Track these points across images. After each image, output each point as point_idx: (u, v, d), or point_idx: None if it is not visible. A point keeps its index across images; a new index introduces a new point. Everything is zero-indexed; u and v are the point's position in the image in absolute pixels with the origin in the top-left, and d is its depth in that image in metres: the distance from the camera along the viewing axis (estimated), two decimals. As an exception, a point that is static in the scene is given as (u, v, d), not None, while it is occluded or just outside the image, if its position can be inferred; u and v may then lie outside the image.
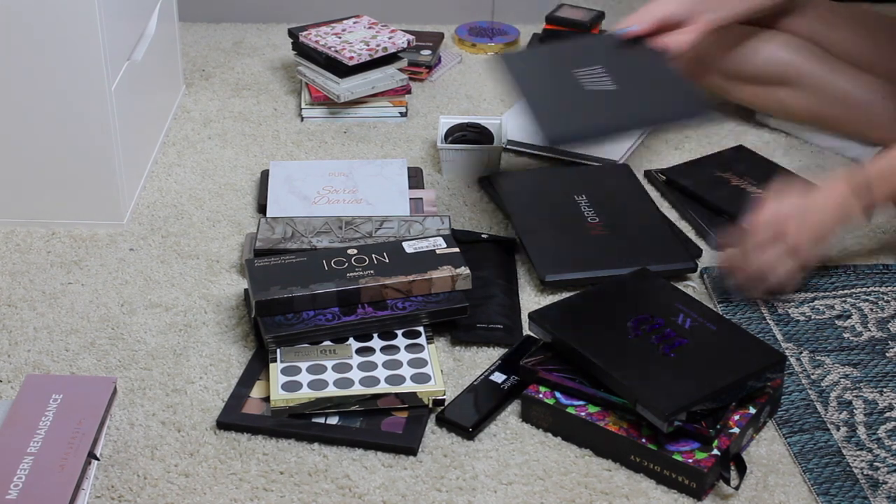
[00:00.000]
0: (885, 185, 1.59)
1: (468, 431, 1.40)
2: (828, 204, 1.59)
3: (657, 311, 1.46)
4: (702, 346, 1.41)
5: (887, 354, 1.54)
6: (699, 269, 1.68)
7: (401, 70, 2.11)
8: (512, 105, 2.12)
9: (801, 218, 1.58)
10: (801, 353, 1.53)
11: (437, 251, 1.58)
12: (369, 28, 2.14)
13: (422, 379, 1.43)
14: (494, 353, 1.53)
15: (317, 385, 1.42)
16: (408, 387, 1.42)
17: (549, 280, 1.64)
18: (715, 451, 1.33)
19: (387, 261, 1.56)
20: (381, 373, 1.44)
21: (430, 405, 1.42)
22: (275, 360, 1.46)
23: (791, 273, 1.59)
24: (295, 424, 1.40)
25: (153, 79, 1.96)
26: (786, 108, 2.01)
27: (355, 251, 1.58)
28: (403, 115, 2.09)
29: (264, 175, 1.87)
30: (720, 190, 1.85)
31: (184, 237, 1.76)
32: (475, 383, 1.46)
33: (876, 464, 1.37)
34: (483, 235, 1.73)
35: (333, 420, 1.41)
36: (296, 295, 1.50)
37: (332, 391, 1.41)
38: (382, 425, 1.40)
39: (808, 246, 1.58)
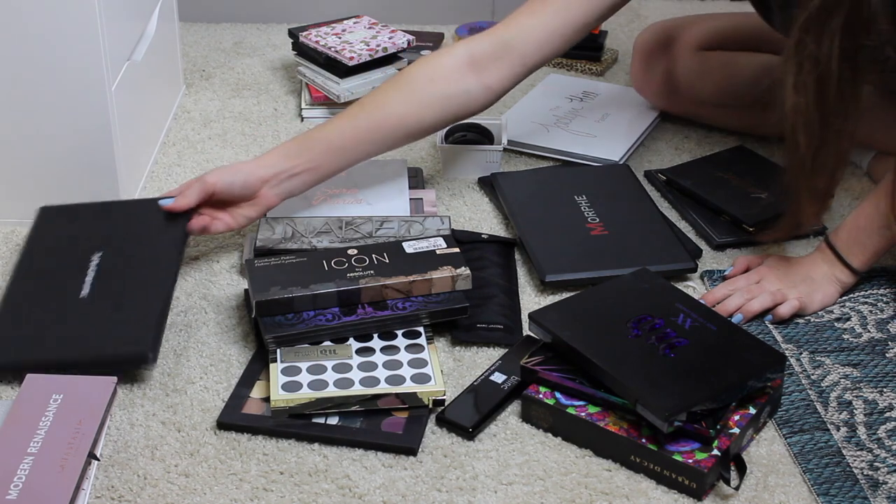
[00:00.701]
0: (860, 256, 1.61)
1: (468, 432, 1.40)
2: (814, 273, 1.62)
3: (657, 311, 1.46)
4: (702, 346, 1.41)
5: (887, 355, 1.54)
6: (699, 270, 1.68)
7: (401, 70, 2.11)
8: (511, 106, 2.12)
9: (783, 271, 1.61)
10: (800, 353, 1.53)
11: (438, 251, 1.58)
12: (369, 28, 2.14)
13: (422, 379, 1.43)
14: (494, 353, 1.53)
15: (317, 385, 1.42)
16: (408, 387, 1.42)
17: (550, 280, 1.64)
18: (715, 452, 1.33)
19: (387, 261, 1.56)
20: (381, 373, 1.44)
21: (431, 405, 1.42)
22: (275, 361, 1.46)
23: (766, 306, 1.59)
24: (295, 424, 1.40)
25: (153, 79, 1.96)
26: (776, 129, 2.01)
27: (355, 251, 1.58)
28: (403, 115, 2.09)
29: (264, 175, 1.87)
30: (720, 190, 1.85)
31: (184, 237, 1.76)
32: (475, 383, 1.46)
33: (876, 464, 1.37)
34: (483, 235, 1.73)
35: (333, 420, 1.41)
36: (296, 295, 1.50)
37: (332, 391, 1.41)
38: (382, 425, 1.40)
39: (788, 291, 1.60)
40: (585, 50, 2.29)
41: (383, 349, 1.49)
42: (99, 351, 1.45)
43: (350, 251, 1.58)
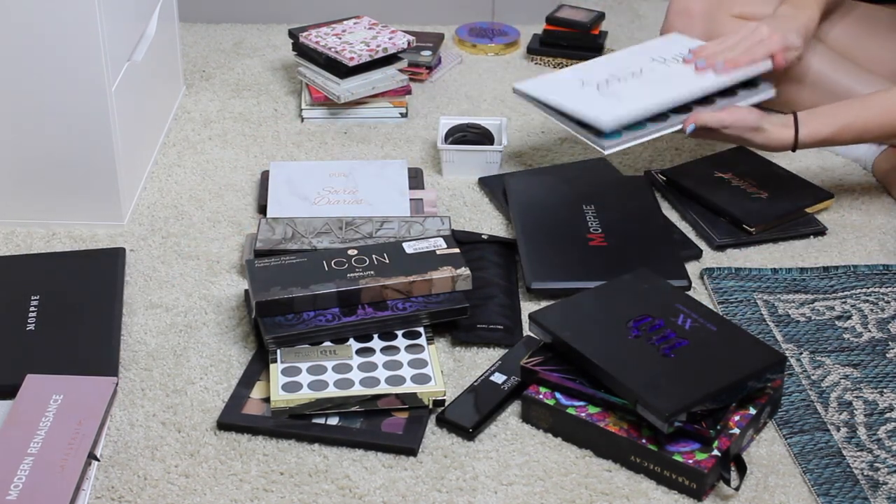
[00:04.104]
0: (814, 125, 1.74)
1: (468, 432, 1.40)
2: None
3: (657, 311, 1.46)
4: (702, 346, 1.41)
5: (887, 355, 1.54)
6: (700, 270, 1.68)
7: (401, 71, 2.11)
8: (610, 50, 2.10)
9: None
10: (801, 353, 1.53)
11: (438, 252, 1.58)
12: (369, 29, 2.14)
13: (422, 379, 1.43)
14: (494, 354, 1.53)
15: (317, 386, 1.42)
16: (408, 387, 1.42)
17: (535, 287, 1.63)
18: (715, 452, 1.33)
19: (387, 261, 1.56)
20: (381, 373, 1.44)
21: (431, 406, 1.42)
22: (275, 361, 1.46)
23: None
24: (295, 425, 1.40)
25: (153, 79, 1.96)
26: (790, 102, 2.01)
27: (355, 252, 1.58)
28: (404, 115, 2.09)
29: (264, 176, 1.87)
30: (720, 190, 1.85)
31: (184, 238, 1.76)
32: (475, 384, 1.46)
33: (876, 464, 1.37)
34: (483, 236, 1.73)
35: (334, 421, 1.41)
36: (296, 295, 1.50)
37: (332, 392, 1.41)
38: (383, 426, 1.40)
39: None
40: (585, 50, 2.29)
41: (383, 349, 1.49)
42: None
43: (350, 251, 1.58)
